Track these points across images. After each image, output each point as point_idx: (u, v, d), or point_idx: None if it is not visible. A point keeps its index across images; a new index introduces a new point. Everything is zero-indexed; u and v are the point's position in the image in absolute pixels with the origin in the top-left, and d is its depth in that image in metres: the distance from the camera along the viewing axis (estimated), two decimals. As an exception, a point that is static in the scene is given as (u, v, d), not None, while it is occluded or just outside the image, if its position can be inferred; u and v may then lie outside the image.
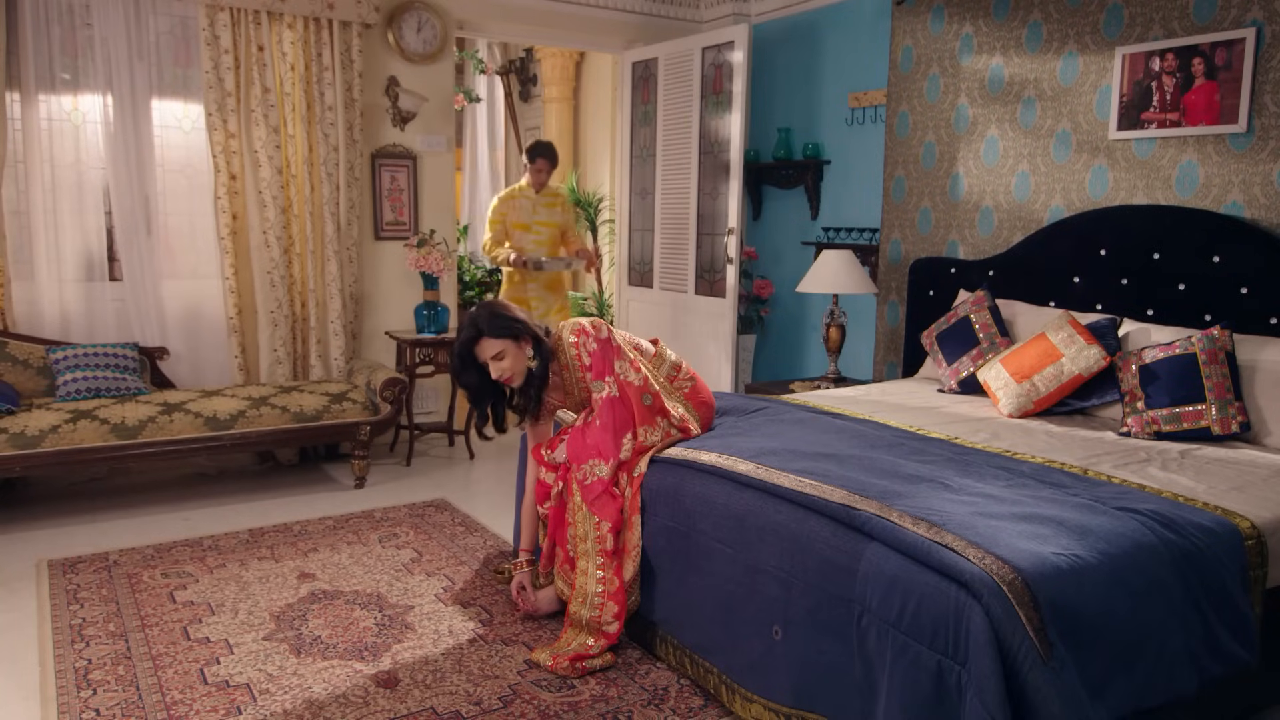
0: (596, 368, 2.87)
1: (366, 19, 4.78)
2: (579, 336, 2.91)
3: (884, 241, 4.87)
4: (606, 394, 2.84)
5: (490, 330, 2.85)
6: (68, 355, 4.16)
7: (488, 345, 2.87)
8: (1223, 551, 2.26)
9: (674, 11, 6.02)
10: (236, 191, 4.65)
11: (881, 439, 2.94)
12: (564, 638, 2.75)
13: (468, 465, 5.00)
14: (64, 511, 4.07)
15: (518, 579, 3.06)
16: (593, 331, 2.90)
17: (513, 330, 2.86)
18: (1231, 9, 3.37)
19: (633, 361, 2.91)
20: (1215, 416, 3.06)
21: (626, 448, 2.82)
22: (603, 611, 2.71)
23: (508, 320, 2.86)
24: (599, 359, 2.87)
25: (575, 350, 2.91)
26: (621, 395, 2.85)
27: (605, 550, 2.74)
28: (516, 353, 2.88)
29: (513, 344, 2.87)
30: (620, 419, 2.84)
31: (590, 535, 2.75)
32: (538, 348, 2.91)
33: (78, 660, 2.70)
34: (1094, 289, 3.81)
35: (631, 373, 2.88)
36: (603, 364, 2.87)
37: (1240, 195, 3.40)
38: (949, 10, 4.43)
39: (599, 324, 2.93)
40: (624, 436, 2.83)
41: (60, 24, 4.30)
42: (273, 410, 4.18)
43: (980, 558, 1.92)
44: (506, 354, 2.87)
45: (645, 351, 3.05)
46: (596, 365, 2.87)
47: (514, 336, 2.87)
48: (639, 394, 2.87)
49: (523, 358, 2.90)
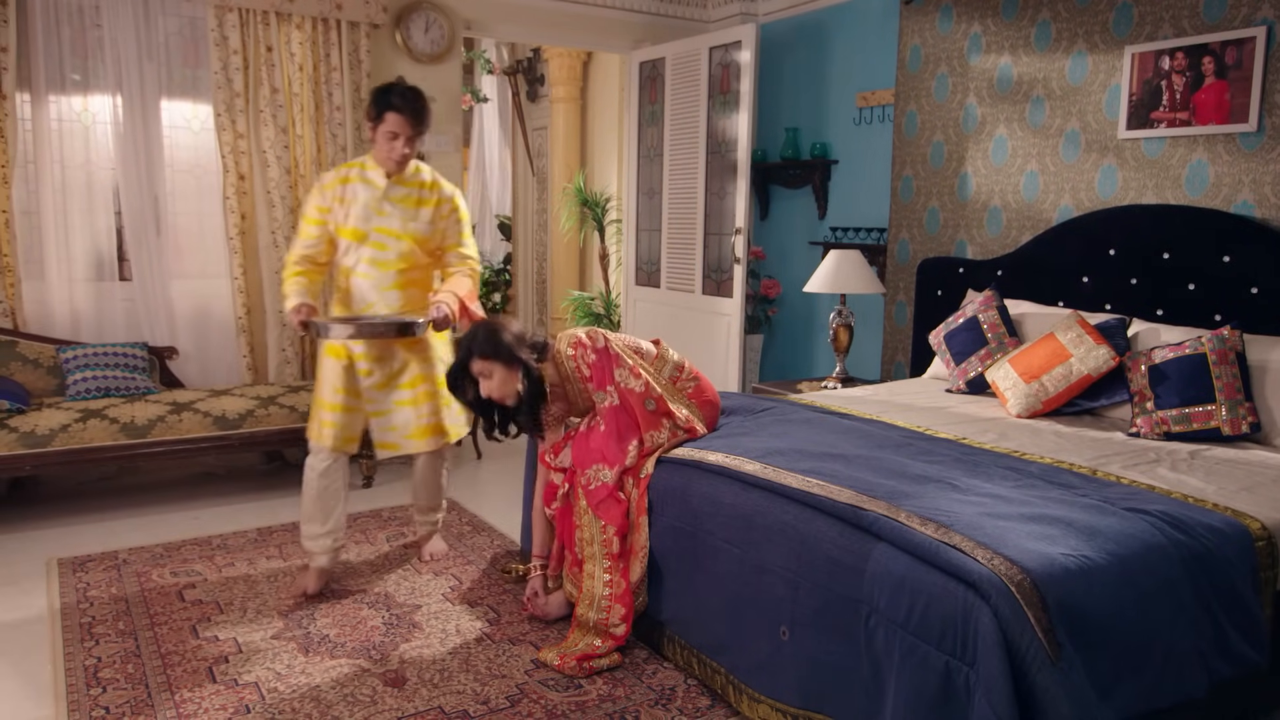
0: (597, 378, 2.87)
1: (374, 19, 4.79)
2: (577, 349, 2.90)
3: (892, 241, 4.86)
4: (609, 404, 2.85)
5: (478, 351, 2.85)
6: (77, 355, 4.18)
7: (476, 364, 2.87)
8: (1233, 552, 2.25)
9: (681, 11, 6.01)
10: (245, 191, 4.67)
11: (889, 439, 2.93)
12: (571, 638, 2.75)
13: (475, 465, 5.00)
14: (74, 510, 4.09)
15: (531, 585, 3.06)
16: (589, 342, 2.89)
17: (500, 353, 2.84)
18: (1242, 8, 3.35)
19: (633, 368, 2.90)
20: (1225, 417, 3.04)
21: (631, 454, 2.82)
22: (610, 614, 2.71)
23: (497, 343, 2.85)
24: (598, 370, 2.87)
25: (574, 364, 2.91)
26: (623, 404, 2.85)
27: (611, 554, 2.74)
28: (506, 375, 2.86)
29: (501, 367, 2.85)
30: (624, 426, 2.84)
31: (596, 539, 2.75)
32: (526, 373, 2.88)
33: (87, 658, 2.71)
34: (1103, 289, 3.80)
35: (632, 379, 2.87)
36: (602, 374, 2.86)
37: (1251, 195, 3.38)
38: (957, 9, 4.41)
39: (595, 334, 2.92)
40: (629, 443, 2.83)
41: (70, 25, 4.32)
42: (281, 410, 4.19)
43: (988, 558, 1.92)
44: (494, 375, 2.86)
45: (646, 354, 3.04)
46: (596, 376, 2.87)
47: (503, 360, 2.85)
48: (641, 400, 2.87)
49: (513, 380, 2.88)
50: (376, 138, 3.09)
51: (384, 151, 3.09)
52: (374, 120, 3.08)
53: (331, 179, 3.17)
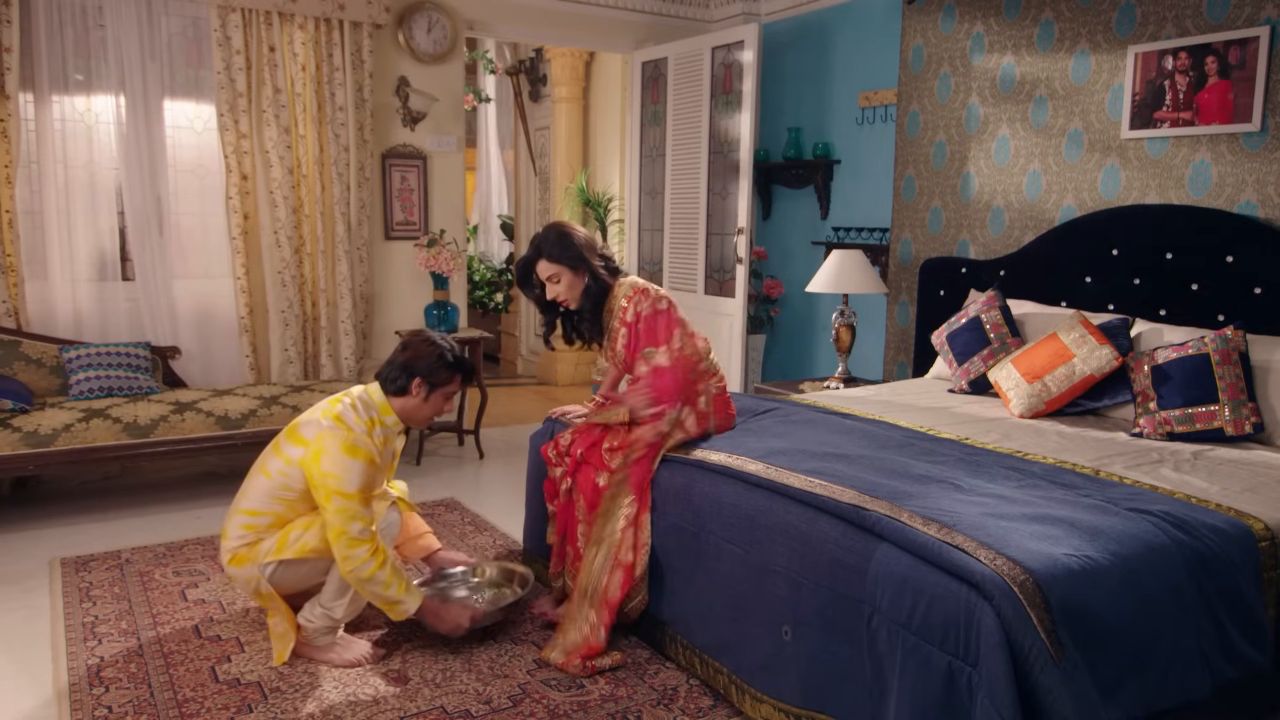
0: (648, 333, 2.86)
1: (377, 19, 4.80)
2: (634, 294, 2.91)
3: (894, 241, 4.85)
4: (657, 362, 2.84)
5: (547, 253, 2.88)
6: (80, 354, 4.19)
7: (543, 267, 2.90)
8: (1236, 553, 2.24)
9: (684, 11, 6.01)
10: (248, 191, 4.67)
11: (892, 439, 2.93)
12: (569, 615, 2.72)
13: (477, 465, 5.00)
14: (76, 510, 4.10)
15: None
16: (653, 294, 2.90)
17: (566, 257, 2.88)
18: (1245, 7, 3.35)
19: (693, 334, 2.93)
20: (1229, 417, 3.04)
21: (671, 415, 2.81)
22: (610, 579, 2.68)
23: (565, 245, 2.88)
24: (652, 324, 2.86)
25: (626, 306, 2.91)
26: (675, 366, 2.84)
27: (638, 487, 2.73)
28: (572, 280, 2.91)
29: (569, 272, 2.89)
30: (664, 388, 2.82)
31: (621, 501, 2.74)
32: (594, 278, 2.91)
33: (90, 658, 2.72)
34: (1106, 289, 3.79)
35: (689, 345, 2.90)
36: (656, 331, 2.86)
37: (1254, 195, 3.37)
38: (960, 9, 4.41)
39: (660, 293, 2.93)
40: (675, 402, 2.82)
41: (73, 25, 4.33)
42: (284, 410, 4.19)
43: (991, 559, 1.91)
44: (561, 279, 2.90)
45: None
46: (648, 331, 2.86)
47: (569, 264, 2.88)
48: (691, 366, 2.88)
49: (578, 285, 2.92)
50: (431, 398, 2.77)
51: (429, 411, 2.80)
52: (442, 384, 2.76)
53: (379, 441, 2.74)
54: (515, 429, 5.81)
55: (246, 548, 2.70)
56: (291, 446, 2.68)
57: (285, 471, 2.68)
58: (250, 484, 2.75)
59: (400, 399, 2.75)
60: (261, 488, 2.71)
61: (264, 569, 2.66)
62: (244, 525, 2.71)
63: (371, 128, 4.94)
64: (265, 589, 2.67)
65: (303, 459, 2.64)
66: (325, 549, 2.64)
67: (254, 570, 2.66)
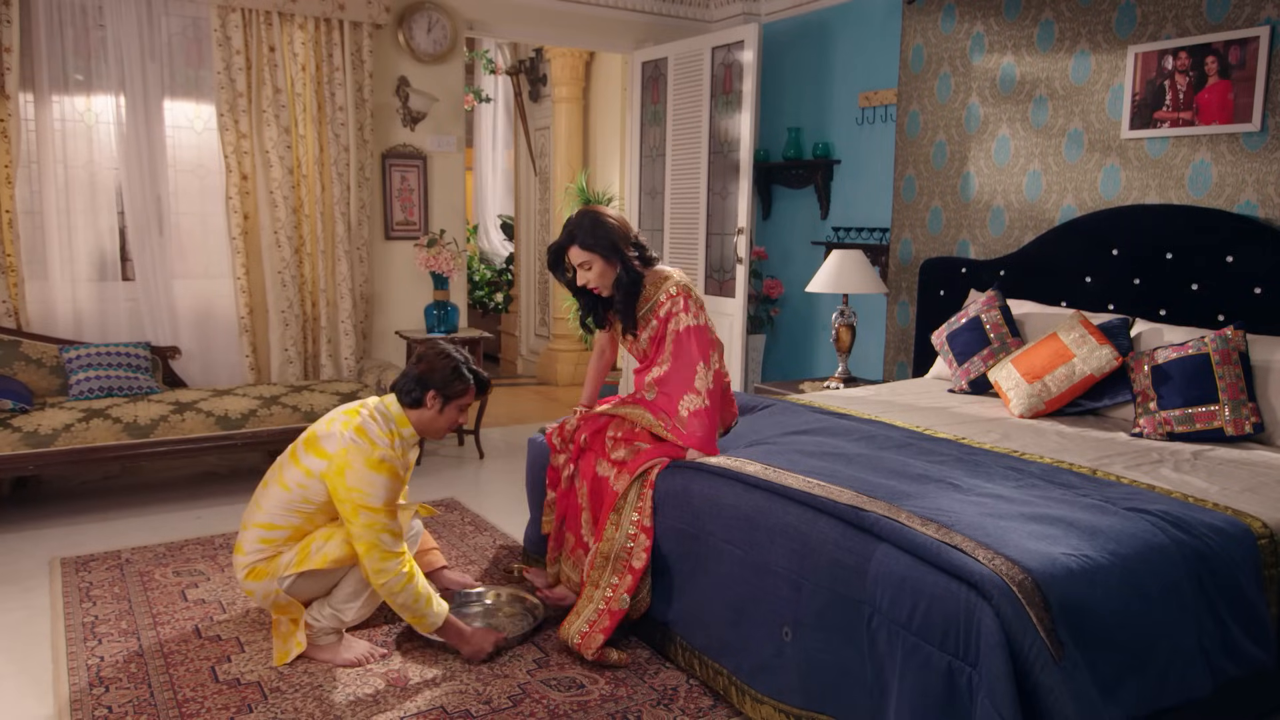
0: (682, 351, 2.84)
1: (377, 19, 4.80)
2: (678, 295, 2.86)
3: (894, 241, 4.85)
4: (686, 326, 2.82)
5: (581, 240, 2.86)
6: (80, 354, 4.19)
7: (575, 253, 2.88)
8: (1236, 552, 2.24)
9: (684, 11, 6.01)
10: (248, 191, 4.67)
11: (891, 439, 2.93)
12: (584, 595, 2.72)
13: (477, 465, 5.00)
14: (76, 510, 4.10)
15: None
16: (693, 307, 2.86)
17: (599, 245, 2.85)
18: (1245, 7, 3.35)
19: (721, 355, 2.93)
20: (1228, 417, 3.04)
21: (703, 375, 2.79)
22: (635, 542, 2.68)
23: (599, 234, 2.85)
24: (685, 341, 2.83)
25: (664, 298, 2.87)
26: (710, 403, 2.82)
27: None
28: (604, 268, 2.88)
29: (600, 260, 2.86)
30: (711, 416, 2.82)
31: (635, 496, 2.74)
32: (626, 269, 2.88)
33: (90, 658, 2.72)
34: (1106, 289, 3.79)
35: (720, 362, 2.90)
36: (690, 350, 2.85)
37: (1254, 194, 3.37)
38: (960, 9, 4.41)
39: (703, 306, 2.90)
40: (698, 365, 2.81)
41: (73, 25, 4.33)
42: (284, 410, 4.19)
43: (990, 558, 1.91)
44: (593, 266, 2.87)
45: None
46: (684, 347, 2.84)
47: (602, 252, 2.86)
48: (724, 383, 2.91)
49: (610, 274, 2.89)
50: (446, 410, 2.75)
51: (445, 423, 2.78)
52: (457, 396, 2.75)
53: (399, 454, 2.73)
54: (515, 429, 5.81)
55: (265, 562, 2.68)
56: (312, 458, 2.66)
57: (305, 484, 2.65)
58: (265, 496, 2.72)
59: (416, 411, 2.74)
60: (279, 500, 2.69)
61: (283, 581, 2.65)
62: (261, 539, 2.69)
63: (371, 128, 4.94)
64: (284, 600, 2.66)
65: (325, 472, 2.62)
66: (348, 558, 2.64)
67: (273, 584, 2.65)
